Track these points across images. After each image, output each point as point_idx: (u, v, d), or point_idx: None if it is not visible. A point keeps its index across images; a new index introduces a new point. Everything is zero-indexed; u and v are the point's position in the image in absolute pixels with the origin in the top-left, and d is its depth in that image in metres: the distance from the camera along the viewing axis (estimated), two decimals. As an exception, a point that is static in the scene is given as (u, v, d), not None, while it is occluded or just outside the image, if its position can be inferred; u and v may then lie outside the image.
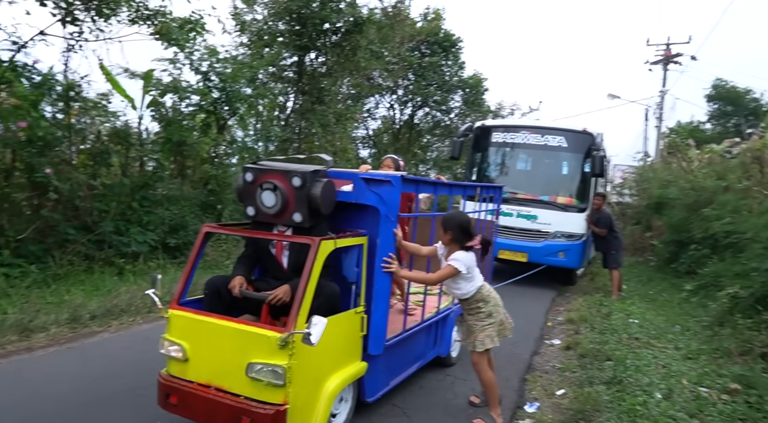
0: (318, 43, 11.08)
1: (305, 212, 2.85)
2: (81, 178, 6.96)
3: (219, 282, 3.05)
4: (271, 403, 2.50)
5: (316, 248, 2.67)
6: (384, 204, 3.06)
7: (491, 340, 3.30)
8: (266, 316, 2.90)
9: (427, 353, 4.06)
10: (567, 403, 3.60)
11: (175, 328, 2.81)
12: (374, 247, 3.10)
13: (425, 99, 18.95)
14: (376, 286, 3.09)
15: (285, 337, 2.46)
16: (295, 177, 2.82)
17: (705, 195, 9.04)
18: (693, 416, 3.28)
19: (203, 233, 3.05)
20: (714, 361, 4.45)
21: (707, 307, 6.34)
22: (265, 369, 2.50)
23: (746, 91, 30.07)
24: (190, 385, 2.72)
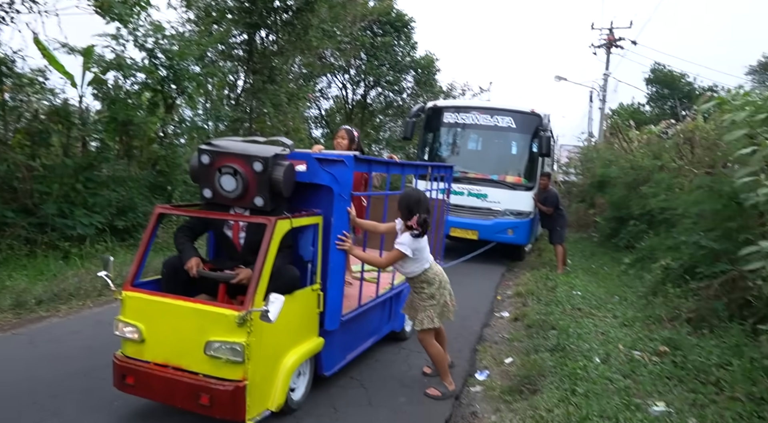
0: (268, 20, 10.86)
1: (267, 196, 2.85)
2: (19, 159, 6.64)
3: (177, 262, 3.04)
4: (230, 380, 2.54)
5: (272, 228, 2.69)
6: (337, 183, 3.09)
7: (430, 321, 3.40)
8: (223, 296, 2.91)
9: (382, 328, 4.14)
10: (514, 370, 3.83)
11: (129, 309, 2.81)
12: (329, 226, 3.14)
13: (378, 79, 18.94)
14: (331, 264, 3.13)
15: (243, 315, 2.49)
16: (257, 162, 2.80)
17: (643, 174, 9.54)
18: (627, 377, 3.57)
19: (156, 214, 3.02)
20: (647, 327, 4.80)
21: (643, 278, 6.77)
22: (224, 346, 2.53)
23: (681, 75, 31.57)
24: (147, 366, 2.72)
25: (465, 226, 8.96)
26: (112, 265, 2.94)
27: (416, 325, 3.44)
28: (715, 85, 31.36)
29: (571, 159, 21.49)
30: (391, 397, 3.38)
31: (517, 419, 2.96)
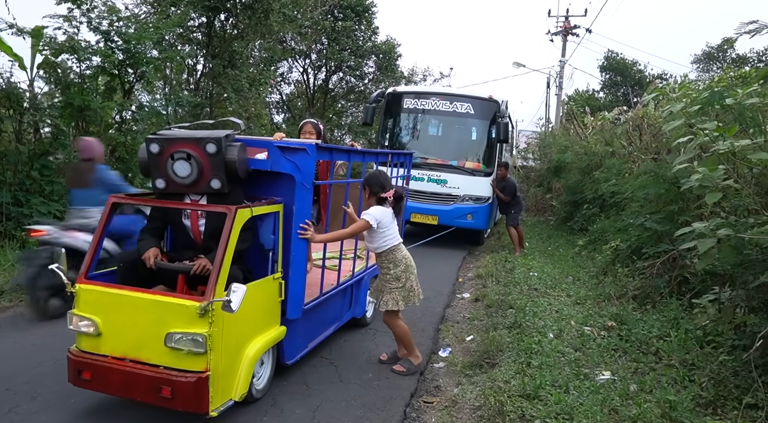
0: (228, 4, 10.68)
1: (223, 178, 2.81)
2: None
3: (133, 255, 2.99)
4: (192, 371, 2.52)
5: (232, 217, 2.66)
6: (299, 172, 3.06)
7: (395, 303, 3.47)
8: (182, 286, 2.90)
9: (344, 315, 4.18)
10: (475, 346, 4.08)
11: (84, 302, 2.73)
12: (290, 215, 3.11)
13: (339, 64, 18.87)
14: (292, 253, 3.12)
15: (205, 305, 2.47)
16: (210, 143, 2.75)
17: (595, 159, 9.97)
18: (577, 350, 3.86)
19: (110, 204, 2.93)
20: (597, 305, 5.15)
21: (594, 259, 7.18)
22: (185, 338, 2.50)
23: (633, 62, 32.77)
24: (104, 360, 2.67)
25: (425, 211, 9.07)
26: (63, 257, 2.96)
27: (381, 306, 3.52)
28: (665, 72, 32.69)
29: (530, 144, 22.07)
30: (359, 373, 3.56)
31: (477, 390, 3.20)
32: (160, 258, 2.93)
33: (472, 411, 2.97)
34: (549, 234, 11.08)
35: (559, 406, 2.85)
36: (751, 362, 2.92)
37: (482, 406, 2.95)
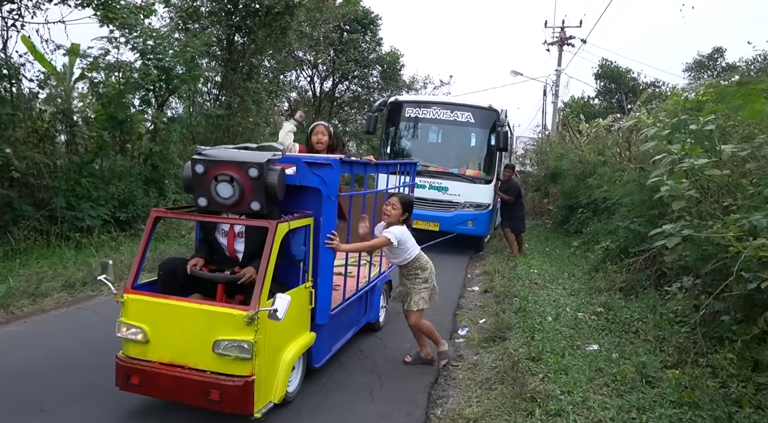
0: (249, 22, 11.54)
1: (263, 200, 2.95)
2: (37, 157, 7.24)
3: (174, 264, 3.16)
4: (239, 376, 2.68)
5: (273, 231, 2.81)
6: (326, 185, 3.23)
7: (424, 302, 3.81)
8: (221, 295, 3.04)
9: (360, 320, 4.45)
10: (487, 326, 4.92)
11: (132, 311, 2.87)
12: (318, 226, 3.28)
13: (345, 74, 19.75)
14: (321, 262, 3.30)
15: (252, 314, 2.62)
16: (252, 168, 2.89)
17: (589, 167, 10.83)
18: (571, 329, 4.70)
19: (152, 218, 3.07)
20: (589, 296, 5.99)
21: (587, 258, 8.03)
22: (232, 345, 2.65)
23: (627, 70, 33.68)
24: (152, 365, 2.80)
25: (427, 218, 9.23)
26: (111, 268, 3.03)
27: (411, 306, 3.81)
28: (657, 80, 33.61)
29: (527, 151, 22.97)
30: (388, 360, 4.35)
31: (492, 357, 4.05)
32: (200, 267, 3.11)
33: (491, 369, 3.82)
34: (547, 236, 11.94)
35: (557, 365, 3.70)
36: (698, 330, 3.78)
37: (498, 365, 3.81)
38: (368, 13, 19.12)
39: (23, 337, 4.22)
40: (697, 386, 3.22)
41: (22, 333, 4.31)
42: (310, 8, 12.14)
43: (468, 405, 3.25)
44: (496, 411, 3.07)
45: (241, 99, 12.13)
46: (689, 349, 3.95)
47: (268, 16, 11.38)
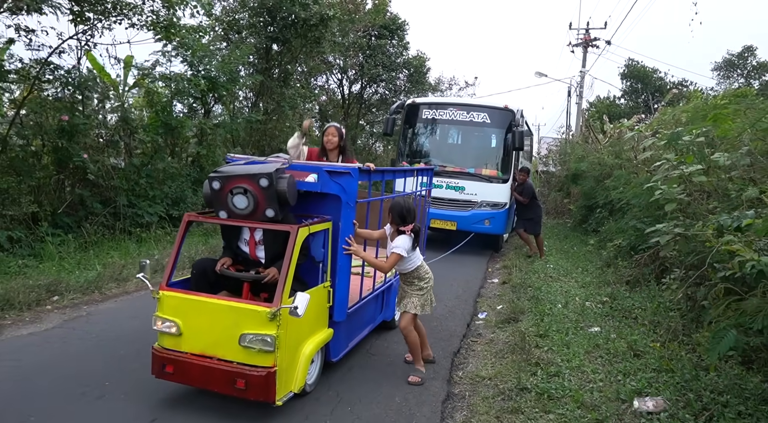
0: (285, 33, 12.39)
1: (276, 207, 3.14)
2: (107, 161, 8.21)
3: (205, 264, 3.44)
4: (263, 366, 2.92)
5: (295, 234, 3.05)
6: (345, 193, 3.44)
7: (414, 307, 3.83)
8: (247, 293, 3.31)
9: (377, 317, 4.63)
10: (504, 311, 5.63)
11: (167, 306, 3.14)
12: (337, 230, 3.52)
13: (373, 77, 20.50)
14: (339, 264, 3.52)
15: (274, 311, 2.85)
16: (263, 179, 3.09)
17: (606, 169, 11.36)
18: (578, 314, 5.36)
19: (185, 222, 3.33)
20: (597, 288, 6.62)
21: (601, 255, 8.62)
22: (257, 338, 2.90)
23: (653, 70, 33.64)
24: (185, 356, 3.08)
25: (444, 217, 9.45)
26: (148, 267, 3.29)
27: (401, 307, 3.91)
28: (685, 79, 33.47)
29: (551, 151, 23.37)
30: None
31: (506, 334, 4.77)
32: (228, 267, 3.38)
33: (504, 344, 4.54)
34: (566, 234, 12.51)
35: (561, 341, 4.40)
36: (687, 316, 4.42)
37: (510, 340, 4.52)
38: (396, 19, 19.83)
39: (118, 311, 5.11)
40: (674, 358, 3.88)
41: (116, 309, 5.21)
42: (343, 19, 12.92)
43: (484, 368, 3.99)
44: (506, 372, 3.80)
45: (277, 104, 13.01)
46: (678, 331, 4.59)
47: (304, 27, 12.23)
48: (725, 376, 3.46)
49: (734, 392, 3.23)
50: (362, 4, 14.34)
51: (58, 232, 7.62)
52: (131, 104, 10.36)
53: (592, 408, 3.20)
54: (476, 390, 3.62)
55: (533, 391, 3.43)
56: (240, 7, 12.51)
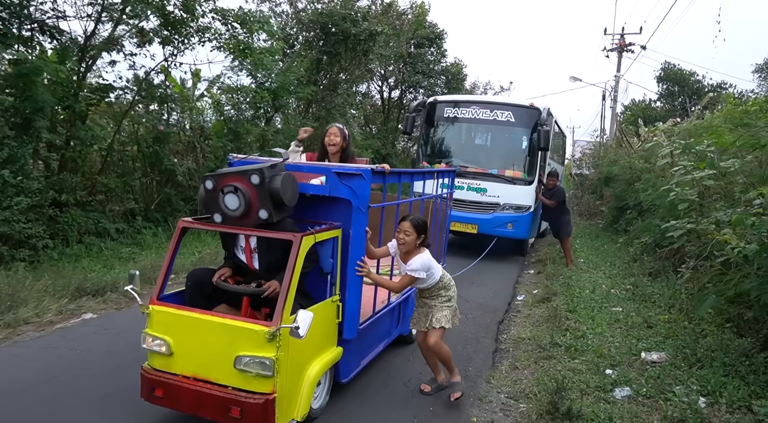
0: (337, 48, 13.56)
1: (269, 207, 2.84)
2: (191, 165, 9.51)
3: (201, 275, 3.14)
4: (260, 393, 2.62)
5: (298, 244, 2.75)
6: (356, 197, 3.13)
7: (447, 320, 3.48)
8: (246, 308, 3.00)
9: (392, 332, 4.31)
10: (539, 294, 6.59)
11: (157, 323, 2.85)
12: (347, 238, 3.20)
13: (413, 84, 21.55)
14: (349, 276, 3.20)
15: (273, 330, 2.56)
16: (253, 175, 2.81)
17: (637, 173, 12.10)
18: (603, 298, 6.27)
19: (179, 229, 3.08)
20: (623, 279, 7.49)
21: (629, 251, 9.44)
22: (254, 361, 2.60)
23: (691, 73, 33.64)
24: (175, 378, 2.78)
25: (464, 220, 9.07)
26: (137, 279, 3.01)
27: (433, 322, 3.48)
28: (724, 82, 33.30)
29: (584, 155, 23.95)
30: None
31: (541, 310, 5.74)
32: (226, 278, 3.07)
33: (540, 317, 5.52)
34: (597, 234, 13.28)
35: (587, 315, 5.35)
36: (694, 295, 5.31)
37: (544, 314, 5.50)
38: (434, 28, 20.83)
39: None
40: (679, 327, 4.79)
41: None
42: (389, 34, 14.02)
43: (523, 332, 4.99)
44: (541, 334, 4.79)
45: (327, 111, 14.19)
46: (684, 308, 5.48)
47: (354, 41, 13.36)
48: (718, 339, 4.36)
49: (722, 350, 4.14)
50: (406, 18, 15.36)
51: (150, 226, 8.93)
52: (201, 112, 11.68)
53: (609, 357, 4.17)
54: (518, 346, 4.63)
55: (563, 346, 4.42)
56: (295, 23, 13.75)
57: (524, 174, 9.24)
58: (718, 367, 3.89)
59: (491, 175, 9.24)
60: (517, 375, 3.96)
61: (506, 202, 9.11)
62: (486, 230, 9.06)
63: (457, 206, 8.68)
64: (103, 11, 8.10)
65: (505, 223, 9.05)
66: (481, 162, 9.47)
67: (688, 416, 3.18)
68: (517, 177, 9.21)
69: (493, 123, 9.53)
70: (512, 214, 9.09)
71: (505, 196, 9.10)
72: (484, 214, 9.13)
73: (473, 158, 9.61)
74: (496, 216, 9.10)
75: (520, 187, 9.15)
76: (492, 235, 9.01)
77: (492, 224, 9.05)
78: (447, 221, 5.12)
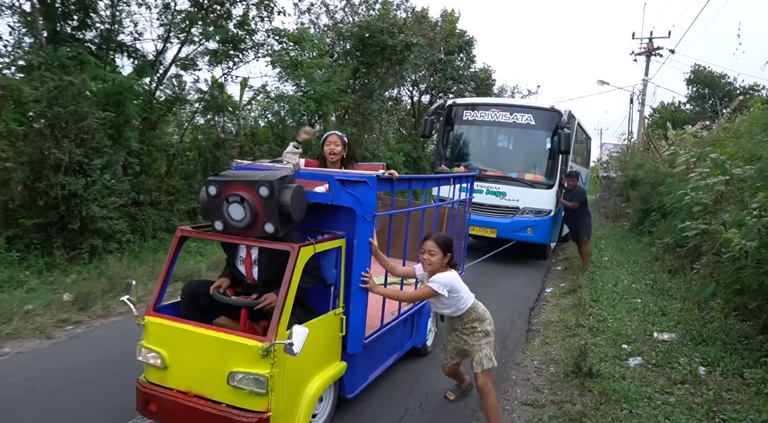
0: (374, 58, 14.43)
1: (276, 222, 2.72)
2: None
3: (196, 286, 3.07)
4: (254, 411, 2.53)
5: (295, 255, 2.64)
6: (360, 205, 3.02)
7: (489, 360, 3.15)
8: (245, 321, 2.91)
9: (404, 344, 4.10)
10: (566, 287, 7.32)
11: (152, 335, 2.79)
12: (351, 248, 3.07)
13: (443, 90, 22.32)
14: (353, 287, 3.08)
15: (267, 346, 2.47)
16: (262, 187, 2.67)
17: (661, 177, 12.64)
18: (624, 291, 6.95)
19: (178, 237, 2.99)
20: (644, 276, 8.15)
21: (651, 251, 10.06)
22: (247, 378, 2.51)
23: (722, 75, 33.43)
24: (170, 393, 2.71)
25: (484, 224, 8.97)
26: (134, 289, 2.95)
27: (475, 367, 3.17)
28: (756, 84, 33.00)
29: (611, 158, 24.34)
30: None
31: (567, 301, 6.49)
32: (224, 289, 2.99)
33: (566, 305, 6.27)
34: (622, 235, 13.85)
35: (609, 304, 6.08)
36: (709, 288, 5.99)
37: (571, 302, 6.24)
38: (463, 35, 21.56)
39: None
40: (690, 315, 5.49)
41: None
42: (423, 45, 14.85)
43: (552, 316, 5.77)
44: (568, 318, 5.56)
45: (364, 118, 15.08)
46: (702, 302, 6.15)
47: (390, 52, 14.22)
48: (723, 324, 5.05)
49: (725, 332, 4.84)
50: (439, 29, 16.17)
51: (210, 224, 9.94)
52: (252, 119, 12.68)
53: (625, 336, 4.91)
54: (547, 327, 5.40)
55: (586, 326, 5.17)
56: (336, 36, 14.68)
57: (544, 177, 9.15)
58: (720, 345, 4.58)
59: (511, 178, 9.17)
60: (547, 348, 4.74)
61: (526, 206, 9.02)
62: (505, 234, 9.01)
63: (476, 210, 8.57)
64: (170, 32, 9.15)
65: (525, 228, 8.96)
66: (501, 165, 9.42)
67: (688, 379, 3.91)
68: (537, 181, 9.14)
69: (512, 126, 9.45)
70: (532, 218, 9.01)
71: (524, 200, 9.03)
72: (504, 218, 9.07)
73: (492, 161, 9.57)
74: (516, 220, 9.02)
75: (541, 191, 9.07)
76: (511, 239, 9.04)
77: (511, 228, 8.99)
78: (466, 227, 5.06)
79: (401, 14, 16.29)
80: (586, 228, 8.53)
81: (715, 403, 3.51)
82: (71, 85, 6.36)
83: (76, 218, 6.84)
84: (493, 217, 9.04)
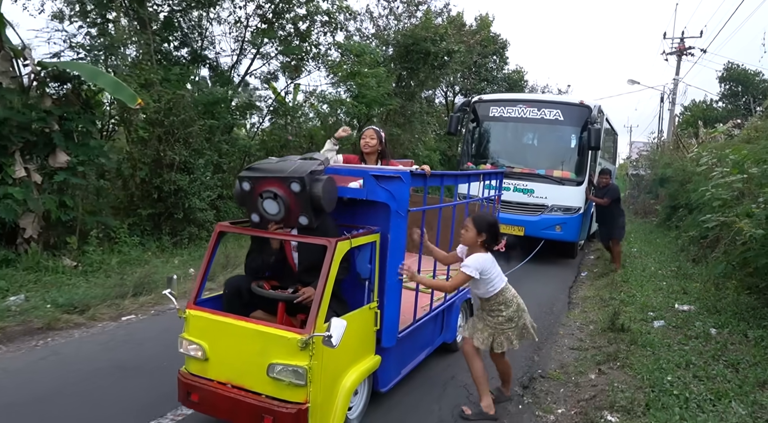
0: (417, 64, 15.53)
1: (310, 214, 2.86)
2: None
3: (239, 282, 3.17)
4: (293, 402, 2.60)
5: (333, 249, 2.72)
6: (394, 200, 3.09)
7: (509, 343, 3.35)
8: (282, 314, 3.02)
9: (435, 340, 4.20)
10: (599, 271, 8.34)
11: (193, 327, 2.88)
12: (386, 243, 3.14)
13: (478, 91, 23.27)
14: (388, 282, 3.15)
15: (306, 338, 2.54)
16: (294, 183, 2.80)
17: (688, 175, 13.44)
18: (651, 275, 7.93)
19: (217, 232, 3.08)
20: (669, 264, 9.09)
21: (677, 244, 10.96)
22: (287, 369, 2.59)
23: (756, 73, 33.31)
24: (211, 384, 2.80)
25: (511, 222, 8.87)
26: (175, 283, 3.04)
27: (495, 347, 3.38)
28: (795, 80, 32.60)
29: (641, 156, 24.92)
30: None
31: (601, 282, 7.53)
32: (262, 284, 3.09)
33: (600, 285, 7.31)
34: (651, 230, 14.69)
35: (637, 284, 7.09)
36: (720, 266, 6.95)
37: (604, 282, 7.28)
38: (498, 38, 22.46)
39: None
40: (708, 292, 6.48)
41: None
42: (463, 52, 15.91)
43: (588, 292, 6.84)
44: (602, 294, 6.63)
45: (407, 119, 16.21)
46: (719, 283, 7.11)
47: (433, 59, 15.31)
48: (736, 300, 6.04)
49: (736, 305, 5.83)
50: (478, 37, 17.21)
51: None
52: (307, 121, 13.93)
53: (651, 307, 5.95)
54: (585, 301, 6.49)
55: (618, 299, 6.23)
56: (380, 42, 15.83)
57: (573, 174, 8.99)
58: (730, 314, 5.58)
59: (538, 175, 9.04)
60: (586, 314, 5.85)
61: (554, 204, 8.91)
62: (533, 232, 8.89)
63: (503, 208, 8.23)
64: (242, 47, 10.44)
65: (554, 225, 8.85)
66: (528, 162, 9.27)
67: (701, 335, 4.94)
68: (565, 177, 8.98)
69: (540, 122, 9.26)
70: (561, 215, 8.88)
71: (553, 198, 8.90)
72: (531, 216, 8.94)
73: (520, 158, 9.41)
74: (544, 218, 8.89)
75: (569, 188, 8.93)
76: (540, 237, 8.92)
77: (539, 226, 8.87)
78: None
79: (440, 20, 17.33)
80: (619, 230, 8.37)
81: (721, 351, 4.53)
82: (182, 97, 7.66)
83: (179, 209, 8.17)
84: (520, 215, 8.96)
